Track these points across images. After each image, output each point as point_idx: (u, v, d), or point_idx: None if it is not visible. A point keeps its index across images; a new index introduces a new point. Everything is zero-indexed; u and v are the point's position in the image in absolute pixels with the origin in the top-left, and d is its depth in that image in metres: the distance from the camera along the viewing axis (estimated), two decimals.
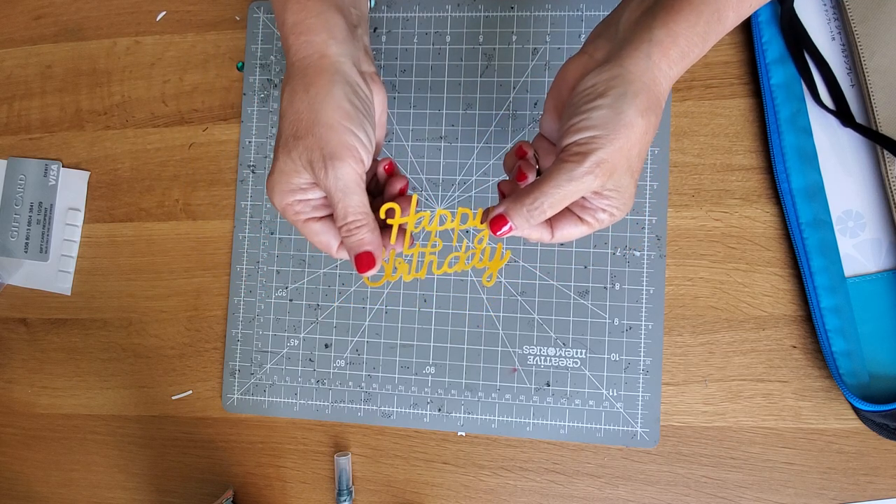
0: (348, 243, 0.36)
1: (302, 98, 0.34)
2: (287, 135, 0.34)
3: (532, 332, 0.49)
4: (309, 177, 0.35)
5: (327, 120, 0.33)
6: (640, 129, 0.32)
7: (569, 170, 0.32)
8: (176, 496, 0.54)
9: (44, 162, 0.56)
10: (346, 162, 0.34)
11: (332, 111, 0.34)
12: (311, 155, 0.34)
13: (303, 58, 0.34)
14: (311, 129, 0.34)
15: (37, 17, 0.58)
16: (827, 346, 0.45)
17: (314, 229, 0.36)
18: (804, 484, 0.46)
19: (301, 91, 0.34)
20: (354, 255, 0.36)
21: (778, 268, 0.47)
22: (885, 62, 0.44)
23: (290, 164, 0.34)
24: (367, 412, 0.51)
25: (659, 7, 0.33)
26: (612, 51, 0.34)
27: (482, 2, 0.51)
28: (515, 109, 0.50)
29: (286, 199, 0.35)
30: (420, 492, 0.50)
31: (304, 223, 0.36)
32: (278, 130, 0.35)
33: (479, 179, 0.50)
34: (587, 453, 0.49)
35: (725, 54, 0.48)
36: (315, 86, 0.34)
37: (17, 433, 0.57)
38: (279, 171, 0.35)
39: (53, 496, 0.56)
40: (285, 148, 0.34)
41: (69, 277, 0.56)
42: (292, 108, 0.34)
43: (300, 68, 0.34)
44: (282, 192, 0.35)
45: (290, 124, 0.34)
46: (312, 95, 0.34)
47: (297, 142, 0.34)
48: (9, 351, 0.57)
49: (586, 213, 0.35)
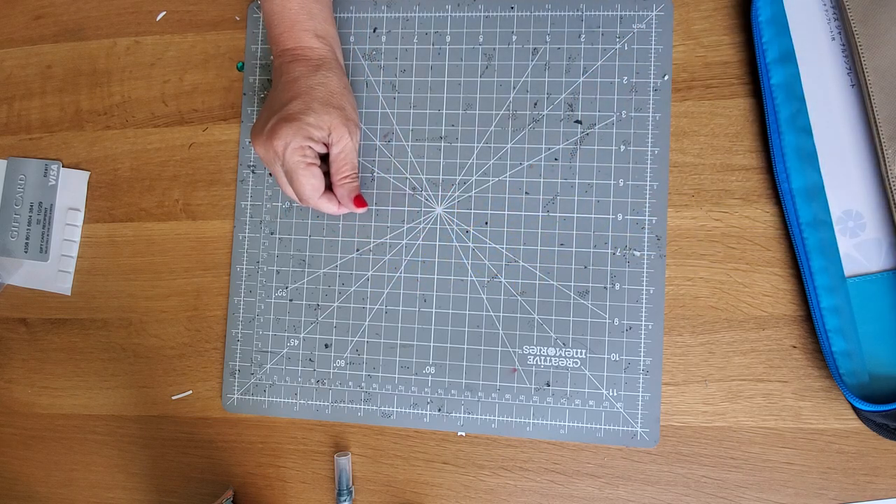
0: (348, 188, 0.48)
1: (337, 81, 0.47)
2: (319, 100, 0.45)
3: (532, 332, 0.49)
4: (324, 135, 0.46)
5: (352, 102, 0.48)
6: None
7: None
8: (176, 496, 0.54)
9: (44, 162, 0.56)
10: (359, 131, 0.50)
11: (352, 97, 0.49)
12: (345, 121, 0.46)
13: (322, 56, 0.47)
14: (343, 104, 0.47)
15: (37, 17, 0.58)
16: (827, 346, 0.45)
17: (314, 172, 0.46)
18: (804, 484, 0.46)
19: (335, 77, 0.47)
20: (354, 196, 0.49)
21: (778, 268, 0.47)
22: (885, 62, 0.44)
23: (318, 120, 0.45)
24: (367, 412, 0.51)
25: None
26: None
27: (482, 2, 0.51)
28: (515, 109, 0.50)
29: (301, 143, 0.44)
30: (420, 492, 0.50)
31: (307, 165, 0.45)
32: (296, 93, 0.45)
33: (479, 179, 0.50)
34: (587, 453, 0.49)
35: (725, 54, 0.48)
36: (344, 78, 0.48)
37: (17, 433, 0.57)
38: (303, 122, 0.44)
39: (53, 496, 0.56)
40: (315, 107, 0.45)
41: (69, 277, 0.56)
42: (328, 83, 0.46)
43: (325, 61, 0.47)
44: (299, 137, 0.44)
45: (324, 94, 0.46)
46: (345, 83, 0.48)
47: (330, 108, 0.45)
48: (9, 351, 0.57)
49: None
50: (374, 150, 0.52)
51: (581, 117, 0.49)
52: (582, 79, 0.49)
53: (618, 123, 0.49)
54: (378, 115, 0.52)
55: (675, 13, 0.49)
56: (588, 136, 0.49)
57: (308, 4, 0.46)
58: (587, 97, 0.49)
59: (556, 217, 0.49)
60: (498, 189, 0.50)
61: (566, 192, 0.49)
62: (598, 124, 0.49)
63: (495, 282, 0.50)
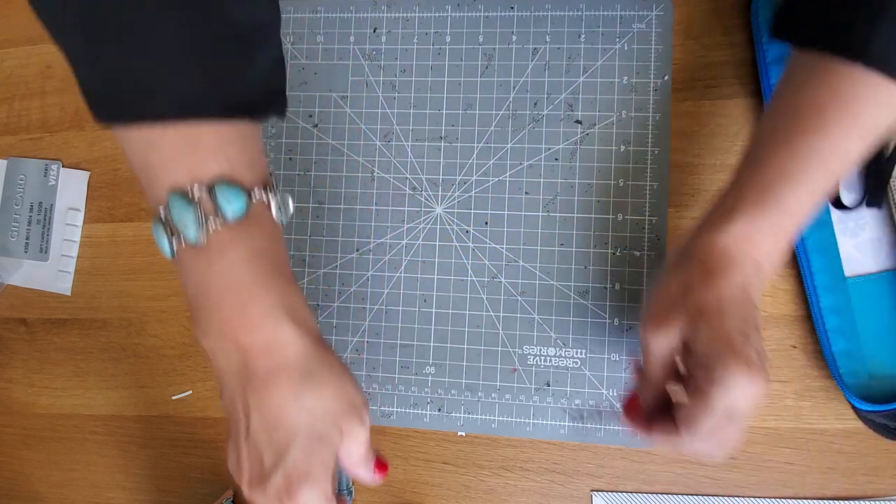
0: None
1: (333, 392, 0.33)
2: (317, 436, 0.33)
3: (532, 332, 0.49)
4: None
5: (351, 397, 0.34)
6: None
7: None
8: (176, 496, 0.54)
9: (44, 162, 0.56)
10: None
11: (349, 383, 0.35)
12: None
13: (302, 354, 0.32)
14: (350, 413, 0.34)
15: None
16: (827, 346, 0.45)
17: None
18: (804, 484, 0.46)
19: (330, 387, 0.33)
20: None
21: (778, 268, 0.47)
22: None
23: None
24: None
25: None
26: None
27: (482, 2, 0.51)
28: (515, 109, 0.50)
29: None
30: (420, 492, 0.50)
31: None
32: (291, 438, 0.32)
33: (479, 179, 0.50)
34: (587, 453, 0.49)
35: (725, 54, 0.48)
36: (336, 371, 0.34)
37: (17, 433, 0.57)
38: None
39: (53, 496, 0.56)
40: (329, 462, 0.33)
41: (69, 277, 0.56)
42: (322, 401, 0.33)
43: (310, 361, 0.32)
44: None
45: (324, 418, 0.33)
46: (342, 381, 0.34)
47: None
48: (9, 351, 0.57)
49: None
50: (374, 150, 0.52)
51: (581, 117, 0.49)
52: (582, 79, 0.49)
53: (618, 123, 0.49)
54: (378, 115, 0.52)
55: (675, 13, 0.49)
56: (588, 136, 0.49)
57: (262, 263, 0.31)
58: (587, 97, 0.49)
59: (556, 217, 0.49)
60: (498, 189, 0.50)
61: (566, 192, 0.49)
62: (598, 124, 0.49)
63: (495, 282, 0.50)
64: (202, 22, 0.29)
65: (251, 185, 0.32)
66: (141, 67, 0.29)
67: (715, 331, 0.32)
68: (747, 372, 0.31)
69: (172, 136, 0.30)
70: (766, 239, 0.33)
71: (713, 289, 0.33)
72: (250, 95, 0.31)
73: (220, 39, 0.30)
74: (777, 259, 0.34)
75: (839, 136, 0.32)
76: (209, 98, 0.30)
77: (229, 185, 0.30)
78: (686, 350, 0.34)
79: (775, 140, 0.33)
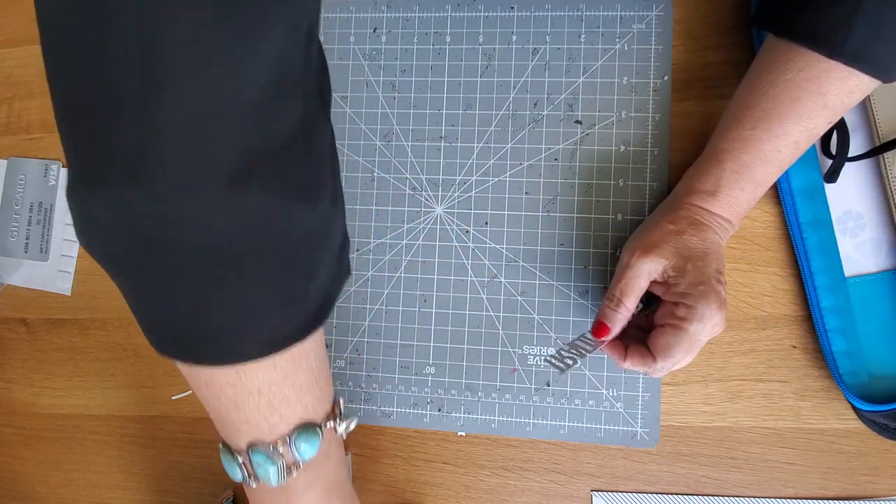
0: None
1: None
2: None
3: (532, 332, 0.49)
4: None
5: None
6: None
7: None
8: (176, 496, 0.54)
9: (44, 162, 0.56)
10: None
11: None
12: None
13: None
14: None
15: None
16: (827, 346, 0.45)
17: None
18: (804, 484, 0.46)
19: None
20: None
21: (778, 268, 0.47)
22: None
23: None
24: (367, 412, 0.51)
25: None
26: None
27: (482, 2, 0.51)
28: (515, 109, 0.50)
29: None
30: (420, 492, 0.50)
31: None
32: None
33: (479, 179, 0.50)
34: (587, 453, 0.48)
35: (725, 54, 0.48)
36: None
37: (17, 433, 0.57)
38: None
39: (53, 496, 0.56)
40: None
41: (69, 277, 0.56)
42: None
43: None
44: None
45: None
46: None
47: None
48: (9, 351, 0.57)
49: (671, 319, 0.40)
50: (374, 150, 0.52)
51: (581, 117, 0.49)
52: (582, 79, 0.49)
53: (618, 123, 0.49)
54: (378, 115, 0.52)
55: (675, 13, 0.49)
56: (588, 136, 0.49)
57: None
58: (587, 97, 0.49)
59: (556, 217, 0.49)
60: (498, 189, 0.50)
61: (566, 192, 0.49)
62: (597, 124, 0.49)
63: (495, 282, 0.50)
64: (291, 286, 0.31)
65: (323, 421, 0.36)
66: (224, 321, 0.30)
67: (700, 272, 0.38)
68: (720, 309, 0.38)
69: (257, 401, 0.32)
70: (741, 208, 0.41)
71: (700, 237, 0.40)
72: (318, 319, 0.34)
73: (304, 293, 0.32)
74: (743, 217, 0.42)
75: (811, 119, 0.37)
76: (287, 336, 0.32)
77: (306, 431, 0.34)
78: (660, 284, 0.41)
79: (753, 121, 0.39)
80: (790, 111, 0.37)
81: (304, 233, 0.30)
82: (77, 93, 0.25)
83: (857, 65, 0.35)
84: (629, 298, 0.41)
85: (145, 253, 0.28)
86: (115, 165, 0.25)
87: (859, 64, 0.35)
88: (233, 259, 0.28)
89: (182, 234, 0.26)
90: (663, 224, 0.41)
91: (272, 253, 0.29)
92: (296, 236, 0.30)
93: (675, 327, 0.39)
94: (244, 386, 0.32)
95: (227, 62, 0.25)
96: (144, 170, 0.25)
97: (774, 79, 0.38)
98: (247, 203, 0.26)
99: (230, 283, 0.29)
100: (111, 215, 0.26)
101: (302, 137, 0.29)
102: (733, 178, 0.40)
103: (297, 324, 0.32)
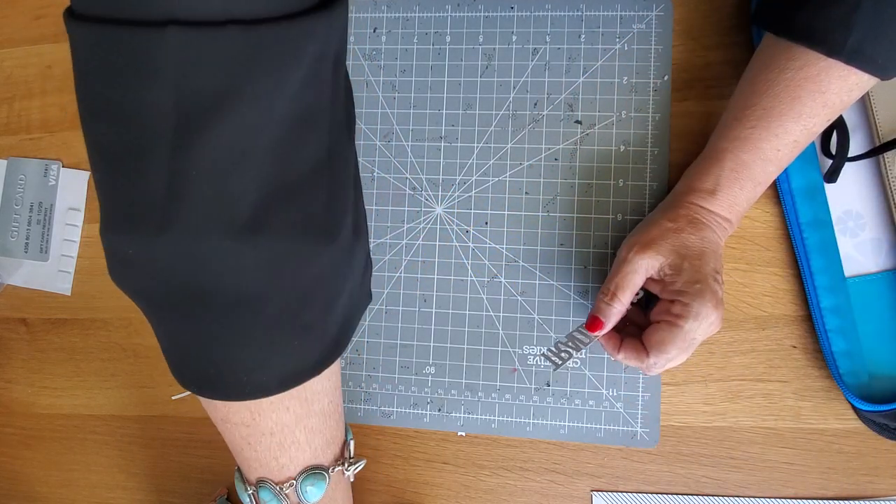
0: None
1: None
2: None
3: (532, 332, 0.49)
4: None
5: None
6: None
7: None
8: (176, 496, 0.54)
9: (44, 162, 0.56)
10: None
11: None
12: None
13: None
14: None
15: (37, 17, 0.58)
16: (827, 346, 0.45)
17: None
18: (804, 484, 0.46)
19: None
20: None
21: (778, 268, 0.47)
22: None
23: None
24: (367, 412, 0.51)
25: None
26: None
27: (482, 2, 0.51)
28: (515, 109, 0.50)
29: None
30: (420, 492, 0.50)
31: None
32: None
33: (479, 179, 0.50)
34: (587, 453, 0.48)
35: (725, 54, 0.48)
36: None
37: (17, 433, 0.57)
38: None
39: (53, 496, 0.56)
40: None
41: (69, 277, 0.56)
42: None
43: None
44: None
45: None
46: None
47: None
48: (9, 351, 0.57)
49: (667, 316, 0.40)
50: (374, 150, 0.52)
51: (581, 117, 0.49)
52: (582, 79, 0.49)
53: (618, 123, 0.49)
54: (378, 115, 0.52)
55: (675, 13, 0.49)
56: (588, 136, 0.49)
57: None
58: (587, 97, 0.49)
59: (556, 217, 0.49)
60: (498, 189, 0.50)
61: (566, 192, 0.49)
62: (598, 124, 0.49)
63: (495, 282, 0.50)
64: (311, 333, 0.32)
65: (331, 464, 0.37)
66: (244, 360, 0.31)
67: (697, 270, 0.38)
68: (716, 308, 0.38)
69: (268, 441, 0.34)
70: (741, 207, 0.41)
71: (699, 236, 0.40)
72: (334, 353, 0.34)
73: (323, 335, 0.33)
74: (742, 216, 0.42)
75: (810, 118, 0.37)
76: (306, 370, 0.33)
77: (314, 475, 0.35)
78: (657, 282, 0.41)
79: (753, 120, 0.39)
80: (790, 110, 0.37)
81: (326, 268, 0.30)
82: (109, 136, 0.26)
83: (857, 63, 0.35)
84: (624, 293, 0.41)
85: (170, 294, 0.28)
86: (144, 212, 0.26)
87: (858, 62, 0.35)
88: (254, 301, 0.29)
89: (205, 277, 0.27)
90: (662, 222, 0.41)
91: (293, 292, 0.29)
92: (317, 274, 0.30)
93: (671, 324, 0.39)
94: (257, 426, 0.33)
95: (254, 101, 0.25)
96: (170, 216, 0.25)
97: (774, 77, 0.38)
98: (267, 247, 0.27)
99: (251, 323, 0.29)
100: (139, 258, 0.27)
101: (326, 167, 0.29)
102: (732, 177, 0.40)
103: (315, 357, 0.33)
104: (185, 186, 0.25)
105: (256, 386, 0.31)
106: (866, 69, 0.35)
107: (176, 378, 0.32)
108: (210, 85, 0.24)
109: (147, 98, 0.24)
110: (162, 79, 0.23)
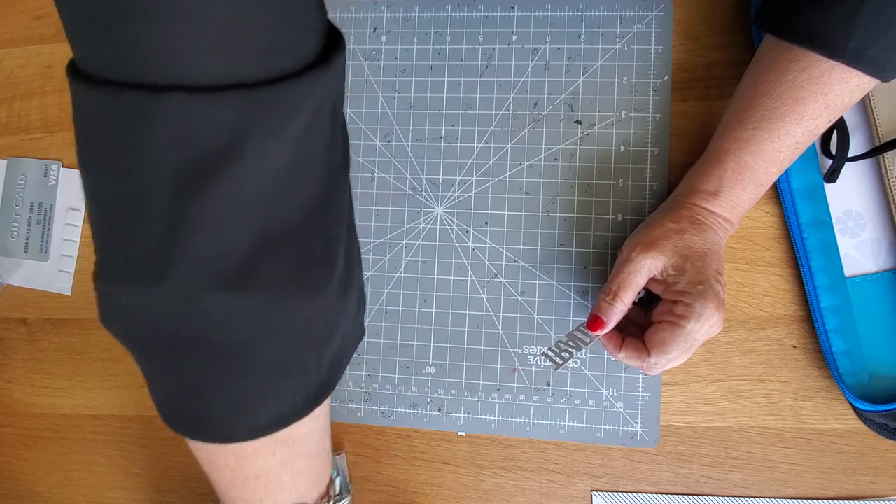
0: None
1: None
2: None
3: (532, 332, 0.49)
4: None
5: None
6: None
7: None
8: (176, 496, 0.54)
9: (44, 162, 0.56)
10: None
11: None
12: None
13: None
14: None
15: (37, 17, 0.58)
16: (827, 346, 0.45)
17: None
18: (804, 484, 0.46)
19: None
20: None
21: (778, 268, 0.47)
22: None
23: None
24: (367, 412, 0.51)
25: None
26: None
27: (482, 2, 0.51)
28: (515, 109, 0.50)
29: None
30: (420, 492, 0.50)
31: None
32: None
33: (479, 179, 0.50)
34: (587, 453, 0.49)
35: (725, 54, 0.48)
36: None
37: (17, 433, 0.57)
38: None
39: (53, 496, 0.56)
40: None
41: (69, 277, 0.56)
42: None
43: None
44: None
45: None
46: None
47: None
48: (9, 351, 0.57)
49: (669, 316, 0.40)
50: (374, 150, 0.52)
51: (581, 117, 0.49)
52: (582, 79, 0.49)
53: (618, 123, 0.49)
54: (378, 115, 0.52)
55: (675, 13, 0.49)
56: (588, 136, 0.49)
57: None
58: (587, 97, 0.49)
59: (556, 217, 0.49)
60: (498, 189, 0.50)
61: (566, 192, 0.49)
62: (597, 124, 0.49)
63: (495, 282, 0.50)
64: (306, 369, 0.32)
65: (316, 503, 0.37)
66: (233, 405, 0.31)
67: (699, 271, 0.39)
68: (718, 309, 0.38)
69: (253, 484, 0.33)
70: (742, 207, 0.41)
71: (701, 236, 0.40)
72: (325, 390, 0.34)
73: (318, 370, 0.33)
74: (743, 216, 0.42)
75: (813, 119, 0.38)
76: (293, 413, 0.32)
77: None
78: (659, 283, 0.41)
79: (755, 122, 0.39)
80: (793, 111, 0.37)
81: (318, 317, 0.30)
82: (108, 188, 0.26)
83: (858, 65, 0.35)
84: (626, 293, 0.41)
85: (161, 342, 0.28)
86: (138, 265, 0.26)
87: (860, 65, 0.35)
88: (246, 350, 0.29)
89: (198, 328, 0.27)
90: (665, 222, 0.41)
91: (285, 341, 0.29)
92: (308, 323, 0.30)
93: (672, 324, 0.39)
94: (242, 471, 0.33)
95: (253, 158, 0.25)
96: (164, 270, 0.25)
97: (776, 79, 0.38)
98: (258, 299, 0.27)
99: (242, 371, 0.29)
100: (132, 307, 0.27)
101: (320, 214, 0.29)
102: (735, 178, 0.40)
103: (305, 398, 0.33)
104: (180, 240, 0.25)
105: (246, 429, 0.31)
106: (868, 71, 0.36)
107: (164, 421, 0.33)
108: (211, 146, 0.24)
109: (149, 159, 0.24)
110: (165, 141, 0.23)
